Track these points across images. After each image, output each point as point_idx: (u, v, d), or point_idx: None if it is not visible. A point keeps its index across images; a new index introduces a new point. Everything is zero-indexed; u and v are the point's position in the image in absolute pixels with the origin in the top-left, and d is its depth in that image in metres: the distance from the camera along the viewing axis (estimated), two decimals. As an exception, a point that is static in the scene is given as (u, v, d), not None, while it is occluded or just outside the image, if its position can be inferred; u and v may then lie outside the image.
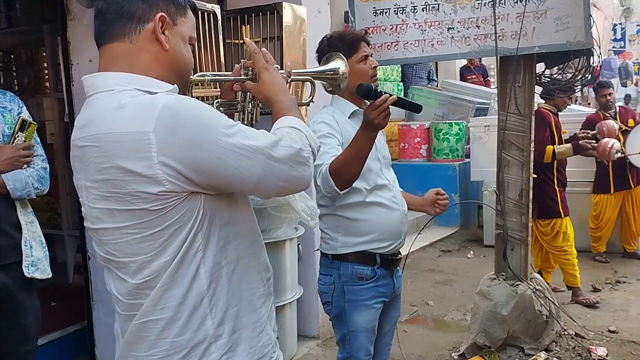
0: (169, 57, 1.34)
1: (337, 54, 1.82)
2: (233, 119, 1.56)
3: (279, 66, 1.53)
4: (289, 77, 1.55)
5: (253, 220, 1.46)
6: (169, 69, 1.34)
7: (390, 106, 2.05)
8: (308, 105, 1.78)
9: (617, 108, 5.96)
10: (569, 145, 4.67)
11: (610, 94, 5.88)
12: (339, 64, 1.78)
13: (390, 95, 2.04)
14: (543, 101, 4.88)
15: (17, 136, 2.39)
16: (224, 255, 1.33)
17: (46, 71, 4.85)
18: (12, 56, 5.11)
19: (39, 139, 2.51)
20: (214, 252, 1.31)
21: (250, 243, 1.42)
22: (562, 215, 4.75)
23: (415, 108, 2.24)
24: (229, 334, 1.34)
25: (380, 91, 2.05)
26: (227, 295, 1.34)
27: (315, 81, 1.74)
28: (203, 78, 1.52)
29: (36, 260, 2.39)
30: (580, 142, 4.74)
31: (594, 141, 4.84)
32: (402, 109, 2.28)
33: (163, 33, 1.32)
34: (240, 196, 1.40)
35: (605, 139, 4.90)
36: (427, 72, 9.67)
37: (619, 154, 4.93)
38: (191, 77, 1.48)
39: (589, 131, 5.15)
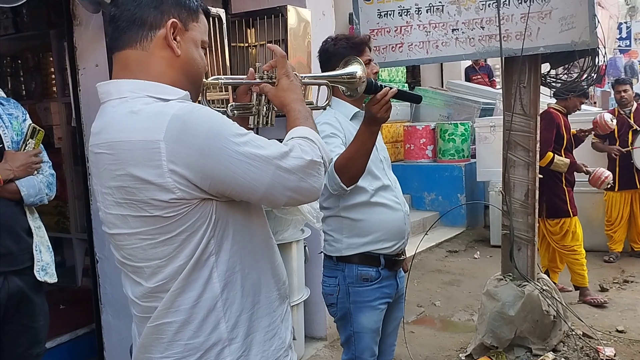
0: (181, 62, 1.34)
1: (355, 58, 1.81)
2: (248, 122, 1.58)
3: (298, 73, 1.53)
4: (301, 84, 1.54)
5: (266, 225, 1.47)
6: (182, 74, 1.35)
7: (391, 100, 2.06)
8: (324, 109, 1.77)
9: (635, 106, 5.92)
10: (567, 161, 4.71)
11: (625, 91, 5.87)
12: (356, 68, 1.77)
13: (391, 88, 2.05)
14: (554, 100, 4.87)
15: (28, 143, 2.41)
16: (239, 259, 1.34)
17: (53, 76, 4.88)
18: (20, 61, 5.15)
19: (42, 146, 2.53)
20: (227, 257, 1.32)
21: (264, 247, 1.43)
22: (571, 215, 4.74)
23: (415, 99, 2.25)
24: (242, 337, 1.35)
25: (381, 85, 2.04)
26: (242, 299, 1.35)
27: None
28: (217, 81, 1.52)
29: (45, 265, 2.42)
30: (577, 163, 4.86)
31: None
32: (403, 100, 2.29)
33: (175, 39, 1.33)
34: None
35: (601, 169, 5.00)
36: None
37: (609, 186, 5.12)
38: (205, 80, 1.48)
39: (584, 129, 5.14)
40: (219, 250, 1.30)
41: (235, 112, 1.56)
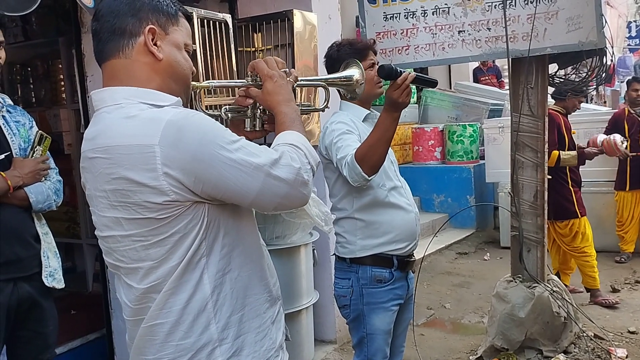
0: (164, 66, 1.38)
1: (354, 61, 1.85)
2: (244, 125, 1.60)
3: (287, 70, 1.54)
4: (295, 83, 1.56)
5: (255, 228, 1.50)
6: (167, 77, 1.39)
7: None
8: (323, 111, 1.81)
9: None
10: (574, 152, 4.64)
11: None
12: (353, 71, 1.80)
13: (409, 73, 2.12)
14: (553, 102, 4.84)
15: (36, 150, 2.44)
16: (228, 262, 1.37)
17: (62, 83, 4.91)
18: (29, 69, 5.19)
19: (49, 152, 2.55)
20: (217, 259, 1.35)
21: (253, 250, 1.45)
22: (579, 215, 4.70)
23: (431, 83, 2.35)
24: (233, 338, 1.38)
25: (400, 71, 2.12)
26: (232, 300, 1.38)
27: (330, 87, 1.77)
28: (209, 85, 1.58)
29: (53, 271, 2.44)
30: (585, 150, 4.74)
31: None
32: (420, 84, 2.39)
33: (155, 44, 1.36)
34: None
35: (607, 137, 4.85)
36: None
37: (625, 144, 4.93)
38: (197, 84, 1.52)
39: (594, 148, 4.99)
40: (209, 252, 1.34)
41: (229, 114, 1.58)
